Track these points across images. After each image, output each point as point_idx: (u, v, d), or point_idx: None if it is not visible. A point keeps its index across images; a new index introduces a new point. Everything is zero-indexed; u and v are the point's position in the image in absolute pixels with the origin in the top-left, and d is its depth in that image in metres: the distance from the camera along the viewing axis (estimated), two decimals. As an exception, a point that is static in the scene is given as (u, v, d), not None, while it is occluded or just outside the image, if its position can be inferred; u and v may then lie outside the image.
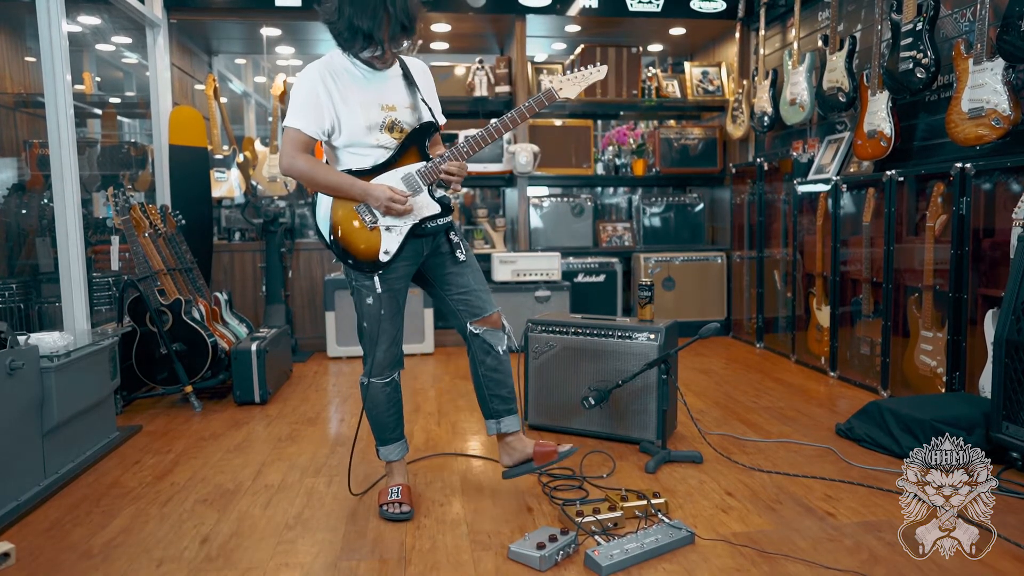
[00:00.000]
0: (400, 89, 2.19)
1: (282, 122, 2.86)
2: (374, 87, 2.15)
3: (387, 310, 2.22)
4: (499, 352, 2.37)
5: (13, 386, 2.31)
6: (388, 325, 2.24)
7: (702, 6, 5.12)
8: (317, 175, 2.14)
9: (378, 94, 2.15)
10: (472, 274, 2.33)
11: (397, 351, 2.31)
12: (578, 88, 2.20)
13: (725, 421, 3.23)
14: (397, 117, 2.16)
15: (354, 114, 2.11)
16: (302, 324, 5.00)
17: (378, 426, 2.38)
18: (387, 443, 2.39)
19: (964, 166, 3.07)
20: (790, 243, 4.51)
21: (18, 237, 4.19)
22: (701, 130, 5.54)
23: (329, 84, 2.10)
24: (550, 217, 5.38)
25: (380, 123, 2.14)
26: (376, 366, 2.27)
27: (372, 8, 1.96)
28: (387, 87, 2.17)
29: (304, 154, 2.13)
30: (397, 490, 2.31)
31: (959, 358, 3.12)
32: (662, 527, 2.05)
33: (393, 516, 2.24)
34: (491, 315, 2.35)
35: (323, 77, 2.10)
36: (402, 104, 2.18)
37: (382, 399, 2.33)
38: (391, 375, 2.33)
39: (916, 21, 3.32)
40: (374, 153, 2.16)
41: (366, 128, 2.13)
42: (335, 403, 3.66)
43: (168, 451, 2.92)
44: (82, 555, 2.03)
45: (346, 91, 2.11)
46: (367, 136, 2.13)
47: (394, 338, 2.27)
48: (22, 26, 4.18)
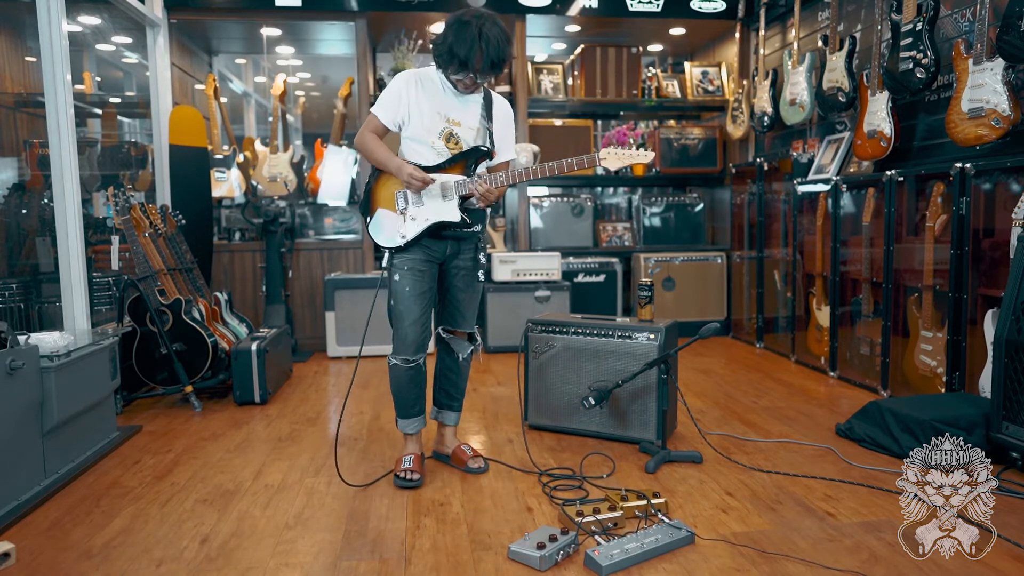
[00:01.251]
0: (473, 113, 2.52)
1: (274, 120, 2.98)
2: (450, 102, 2.49)
3: (411, 288, 2.47)
4: (459, 357, 2.67)
5: (13, 386, 2.31)
6: (412, 304, 2.48)
7: (702, 6, 5.12)
8: (374, 150, 2.50)
9: (449, 108, 2.48)
10: (473, 298, 2.64)
11: (421, 332, 2.51)
12: (620, 164, 2.41)
13: (725, 421, 3.23)
14: (458, 132, 2.49)
15: (422, 116, 2.46)
16: (302, 324, 5.00)
17: (399, 401, 2.60)
18: (407, 416, 2.62)
19: (964, 166, 3.07)
20: (790, 243, 4.51)
21: (18, 237, 4.19)
22: (701, 130, 5.54)
23: (413, 88, 2.46)
24: (550, 217, 5.38)
25: (440, 131, 2.47)
26: (400, 343, 2.50)
27: (469, 42, 2.29)
28: (461, 106, 2.50)
29: (371, 134, 2.50)
30: (410, 459, 2.55)
31: (959, 358, 3.12)
32: (662, 527, 2.05)
33: (403, 484, 2.49)
34: (460, 332, 2.67)
35: (411, 81, 2.47)
36: (467, 124, 2.50)
37: (405, 379, 2.56)
38: (416, 359, 2.54)
39: (916, 21, 3.32)
40: (428, 153, 2.47)
41: (427, 131, 2.46)
42: (335, 403, 3.66)
43: (168, 451, 2.92)
44: (82, 555, 2.03)
45: (426, 97, 2.46)
46: (426, 137, 2.46)
47: (418, 318, 2.49)
48: (22, 26, 4.18)
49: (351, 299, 4.63)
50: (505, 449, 2.89)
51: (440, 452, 2.76)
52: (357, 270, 5.01)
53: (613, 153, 2.39)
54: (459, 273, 2.58)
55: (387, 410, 3.46)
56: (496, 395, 3.74)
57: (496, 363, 4.52)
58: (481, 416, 3.36)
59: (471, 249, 2.59)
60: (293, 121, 6.29)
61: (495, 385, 3.96)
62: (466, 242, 2.57)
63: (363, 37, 4.93)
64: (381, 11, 4.85)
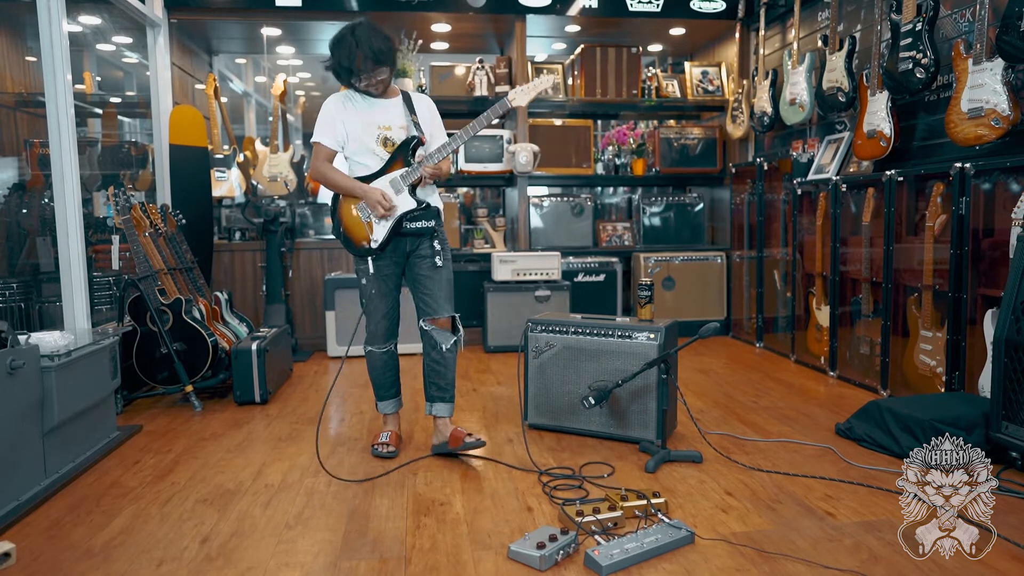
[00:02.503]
0: (397, 113, 2.76)
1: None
2: (373, 111, 2.74)
3: (377, 290, 2.77)
4: (442, 348, 2.80)
5: (13, 386, 2.31)
6: (379, 303, 2.79)
7: (702, 6, 5.13)
8: (333, 178, 2.74)
9: (375, 116, 2.74)
10: (439, 282, 2.79)
11: (389, 325, 2.84)
12: (529, 96, 2.70)
13: (725, 421, 3.23)
14: (390, 135, 2.74)
15: (357, 130, 2.72)
16: (302, 324, 5.00)
17: (376, 385, 2.92)
18: (383, 399, 2.93)
19: (963, 166, 3.07)
20: (790, 243, 4.51)
21: (19, 237, 4.19)
22: (701, 130, 5.54)
23: (343, 109, 2.73)
24: (550, 217, 5.38)
25: (376, 137, 2.72)
26: (371, 335, 2.84)
27: (347, 49, 2.59)
28: (384, 111, 2.75)
29: (325, 162, 2.73)
30: (387, 435, 2.88)
31: (959, 358, 3.13)
32: (662, 527, 2.05)
33: (379, 454, 2.80)
34: (440, 318, 2.80)
35: (339, 103, 2.74)
36: (396, 125, 2.75)
37: (379, 364, 2.88)
38: (387, 345, 2.86)
39: (916, 21, 3.32)
40: (371, 161, 2.73)
41: (364, 141, 2.72)
42: (335, 403, 3.66)
43: (168, 451, 2.93)
44: (82, 555, 2.04)
45: (353, 114, 2.73)
46: (365, 147, 2.72)
47: (384, 314, 2.81)
48: (23, 26, 4.18)
49: (351, 299, 4.63)
50: (505, 449, 2.89)
51: (438, 444, 2.83)
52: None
53: (519, 91, 2.71)
54: (419, 262, 2.79)
55: (387, 410, 3.47)
56: (496, 395, 3.74)
57: (496, 363, 4.53)
58: (481, 416, 3.36)
59: (428, 242, 2.78)
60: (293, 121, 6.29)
61: (495, 385, 3.96)
62: (424, 238, 2.78)
63: (363, 37, 4.92)
64: (381, 11, 4.85)
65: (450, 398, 2.86)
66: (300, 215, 5.28)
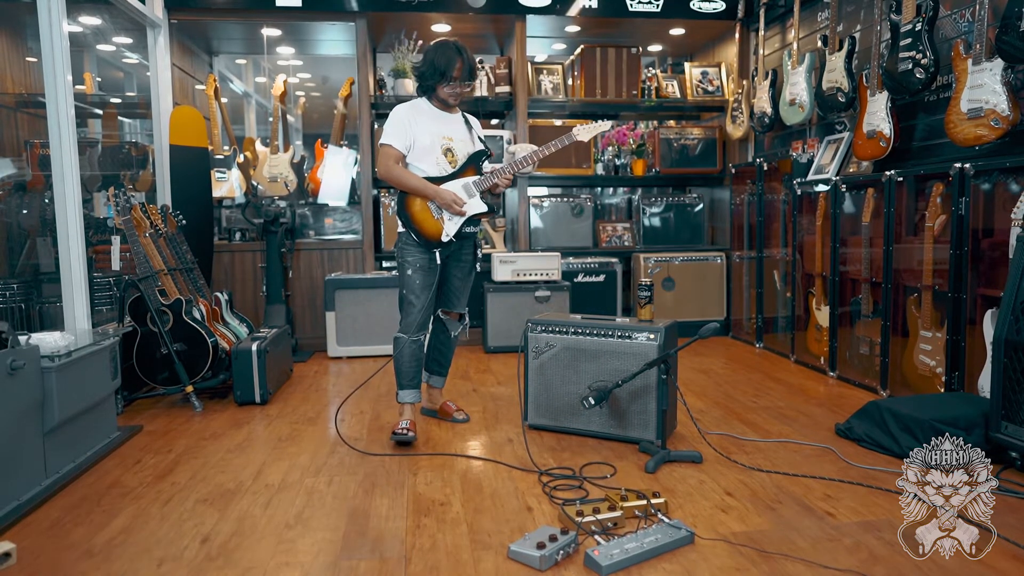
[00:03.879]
0: (459, 128, 3.09)
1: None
2: (441, 123, 3.03)
3: (421, 282, 2.99)
4: (450, 334, 3.27)
5: (14, 386, 2.31)
6: (421, 294, 3.00)
7: (702, 6, 5.13)
8: (406, 179, 2.96)
9: (442, 127, 3.02)
10: (468, 285, 3.21)
11: (427, 316, 3.05)
12: (591, 135, 3.15)
13: (725, 421, 3.23)
14: (452, 146, 3.03)
15: (424, 138, 2.97)
16: (302, 324, 5.00)
17: (400, 373, 3.06)
18: (404, 388, 3.07)
19: (963, 166, 3.07)
20: (790, 243, 4.52)
21: (19, 237, 4.19)
22: (701, 130, 5.55)
23: (411, 115, 2.98)
24: (550, 217, 5.38)
25: (440, 147, 3.00)
26: (408, 325, 3.01)
27: (449, 55, 2.91)
28: (450, 125, 3.05)
29: (396, 164, 2.96)
30: (406, 422, 2.98)
31: (958, 358, 3.13)
32: (662, 527, 2.05)
33: (399, 438, 2.92)
34: (456, 312, 3.23)
35: (409, 111, 2.98)
36: (458, 138, 3.05)
37: (408, 353, 3.03)
38: (419, 336, 3.05)
39: (915, 21, 3.32)
40: (430, 167, 2.98)
41: (430, 149, 2.98)
42: (335, 403, 3.66)
43: (169, 451, 2.93)
44: (83, 554, 2.04)
45: (421, 122, 2.98)
46: (430, 155, 2.98)
47: (425, 306, 3.00)
48: (23, 26, 4.19)
49: (351, 299, 4.63)
50: (505, 449, 2.89)
51: (429, 408, 3.34)
52: (357, 270, 5.02)
53: (583, 128, 3.13)
54: (459, 266, 3.13)
55: (387, 410, 3.47)
56: (496, 395, 3.74)
57: (496, 363, 4.53)
58: (481, 416, 3.36)
59: (471, 247, 3.15)
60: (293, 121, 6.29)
61: (495, 385, 3.97)
62: (467, 240, 3.11)
63: (363, 37, 4.93)
64: (381, 11, 4.85)
65: (446, 372, 3.37)
66: (300, 216, 5.28)
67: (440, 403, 3.33)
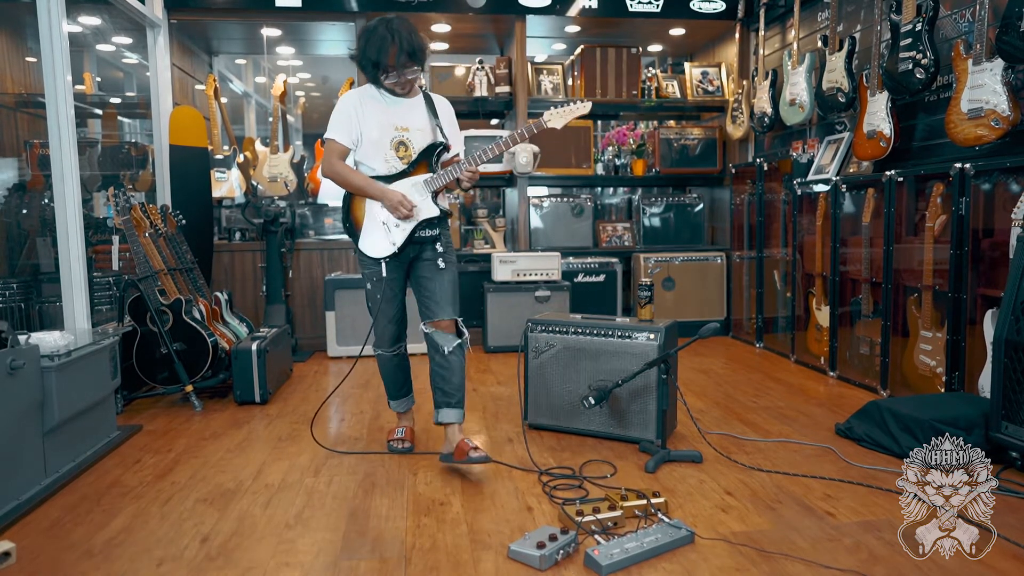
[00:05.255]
0: (419, 115, 2.66)
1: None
2: (393, 111, 2.62)
3: (383, 294, 2.69)
4: (444, 351, 2.66)
5: (14, 386, 2.31)
6: (385, 306, 2.73)
7: (702, 6, 5.13)
8: (349, 177, 2.62)
9: (395, 117, 2.62)
10: (441, 284, 2.68)
11: (396, 329, 2.80)
12: (564, 120, 2.57)
13: (725, 421, 3.23)
14: (408, 137, 2.62)
15: (371, 131, 2.60)
16: (302, 324, 5.00)
17: (388, 384, 2.92)
18: (395, 398, 2.94)
19: (963, 166, 3.07)
20: (790, 243, 4.51)
21: (19, 237, 4.19)
22: (701, 130, 5.55)
23: (358, 105, 2.60)
24: (550, 217, 5.38)
25: (391, 140, 2.61)
26: (378, 337, 2.80)
27: (379, 41, 2.48)
28: (405, 111, 2.64)
29: (339, 160, 2.62)
30: (402, 431, 2.89)
31: (958, 358, 3.13)
32: (662, 526, 2.05)
33: (395, 449, 2.83)
34: (441, 321, 2.67)
35: (354, 98, 2.61)
36: (416, 127, 2.64)
37: (390, 366, 2.87)
38: (396, 348, 2.84)
39: (915, 21, 3.32)
40: (379, 165, 2.62)
41: (378, 145, 2.60)
42: (335, 403, 3.66)
43: (168, 450, 2.93)
44: (83, 554, 2.04)
45: (370, 113, 2.60)
46: (378, 151, 2.61)
47: (391, 318, 2.76)
48: (23, 26, 4.19)
49: (351, 299, 4.63)
50: (505, 449, 2.89)
51: (445, 453, 2.65)
52: (357, 270, 5.00)
53: (555, 113, 2.58)
54: (422, 265, 2.71)
55: (388, 410, 3.46)
56: (496, 395, 3.74)
57: (496, 363, 4.53)
58: (481, 416, 3.36)
59: (431, 246, 2.70)
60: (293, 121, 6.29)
61: (495, 385, 3.97)
62: (427, 243, 2.69)
63: (363, 37, 4.92)
64: (381, 11, 4.84)
65: (456, 403, 2.68)
66: (300, 215, 5.28)
67: (456, 442, 2.63)
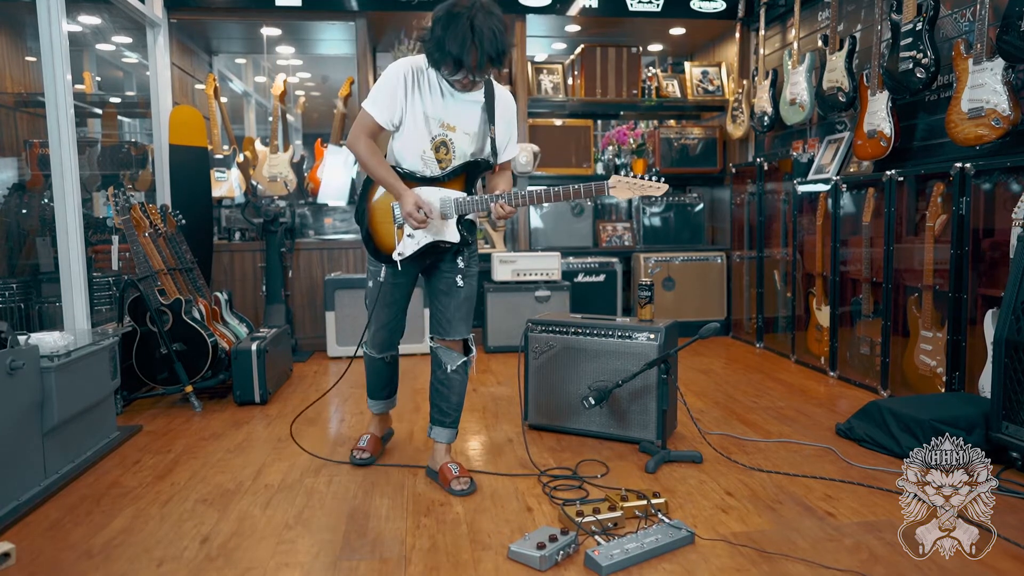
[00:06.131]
0: (472, 115, 2.30)
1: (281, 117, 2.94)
2: (446, 104, 2.26)
3: (382, 298, 2.49)
4: (447, 369, 2.50)
5: (13, 386, 2.31)
6: (381, 311, 2.52)
7: (702, 6, 5.12)
8: (371, 162, 2.27)
9: (445, 112, 2.26)
10: (457, 300, 2.45)
11: (387, 336, 2.58)
12: (631, 194, 2.26)
13: (725, 421, 3.23)
14: (452, 138, 2.28)
15: (415, 121, 2.24)
16: (302, 324, 5.00)
17: (370, 383, 2.76)
18: (373, 397, 2.79)
19: (964, 166, 3.07)
20: (790, 243, 4.51)
21: (18, 237, 4.19)
22: (701, 130, 5.54)
23: (409, 83, 2.22)
24: (550, 217, 5.38)
25: (432, 138, 2.26)
26: (371, 340, 2.62)
27: (461, 35, 2.03)
28: (458, 108, 2.28)
29: (367, 138, 2.26)
30: (365, 439, 2.73)
31: (959, 358, 3.12)
32: (662, 527, 2.05)
33: (355, 460, 2.67)
34: (451, 340, 2.49)
35: (408, 75, 2.22)
36: (464, 129, 2.28)
37: (375, 368, 2.70)
38: (383, 356, 2.65)
39: (916, 21, 3.32)
40: (415, 164, 2.30)
41: (418, 139, 2.26)
42: (335, 403, 3.66)
43: (168, 451, 2.92)
44: (82, 555, 2.03)
45: (420, 98, 2.24)
46: (416, 146, 2.27)
47: (385, 324, 2.55)
48: (22, 26, 4.18)
49: (351, 299, 4.63)
50: (505, 449, 2.89)
51: (431, 468, 2.56)
52: (357, 270, 5.01)
53: (623, 183, 2.24)
54: (440, 279, 2.46)
55: (387, 410, 3.47)
56: (496, 395, 3.74)
57: (496, 363, 4.52)
58: (481, 416, 3.36)
59: (451, 257, 2.44)
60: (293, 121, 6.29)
61: (495, 385, 3.96)
62: (446, 253, 2.43)
63: (363, 37, 4.93)
64: (381, 11, 4.85)
65: (451, 423, 2.53)
66: (300, 215, 5.28)
67: (440, 464, 2.49)
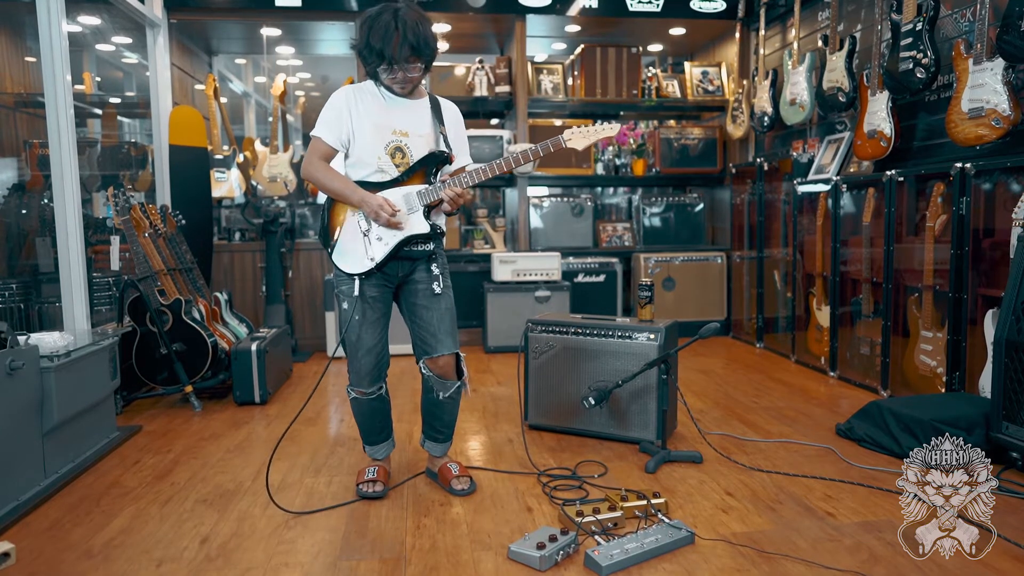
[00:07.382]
0: (422, 118, 2.36)
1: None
2: (392, 112, 2.32)
3: (362, 317, 2.33)
4: (439, 396, 2.44)
5: (13, 386, 2.31)
6: (364, 333, 2.34)
7: (702, 6, 5.12)
8: (326, 179, 2.31)
9: (394, 119, 2.32)
10: (438, 312, 2.38)
11: (374, 362, 2.37)
12: (587, 142, 2.33)
13: (725, 421, 3.23)
14: (407, 143, 2.32)
15: (364, 134, 2.30)
16: (302, 324, 5.00)
17: (364, 430, 2.51)
18: (373, 444, 2.53)
19: (964, 166, 3.07)
20: (790, 243, 4.51)
21: (18, 237, 4.19)
22: (701, 130, 5.54)
23: (352, 102, 2.31)
24: (550, 217, 5.38)
25: (385, 145, 2.30)
26: (356, 375, 2.38)
27: (383, 27, 2.14)
28: (405, 114, 2.34)
29: (320, 161, 2.32)
30: (374, 470, 2.48)
31: (959, 358, 3.12)
32: (662, 527, 2.05)
33: (364, 494, 2.41)
34: (441, 357, 2.39)
35: (349, 95, 2.32)
36: (416, 132, 2.33)
37: (367, 410, 2.45)
38: (374, 388, 2.40)
39: (916, 21, 3.32)
40: (375, 174, 2.32)
41: (370, 149, 2.30)
42: (335, 403, 3.66)
43: (168, 451, 2.92)
44: (82, 555, 2.03)
45: (365, 111, 2.31)
46: (370, 155, 2.30)
47: (370, 348, 2.35)
48: (22, 26, 4.18)
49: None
50: (505, 449, 2.89)
51: (430, 469, 2.60)
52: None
53: (578, 132, 2.33)
54: (415, 289, 2.39)
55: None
56: (496, 395, 3.74)
57: (496, 363, 4.52)
58: (481, 416, 3.36)
59: (424, 266, 2.38)
60: (293, 121, 6.29)
61: (495, 385, 3.96)
62: (419, 261, 2.38)
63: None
64: (381, 11, 4.84)
65: (445, 439, 2.52)
66: (300, 216, 5.28)
67: (440, 464, 2.54)
